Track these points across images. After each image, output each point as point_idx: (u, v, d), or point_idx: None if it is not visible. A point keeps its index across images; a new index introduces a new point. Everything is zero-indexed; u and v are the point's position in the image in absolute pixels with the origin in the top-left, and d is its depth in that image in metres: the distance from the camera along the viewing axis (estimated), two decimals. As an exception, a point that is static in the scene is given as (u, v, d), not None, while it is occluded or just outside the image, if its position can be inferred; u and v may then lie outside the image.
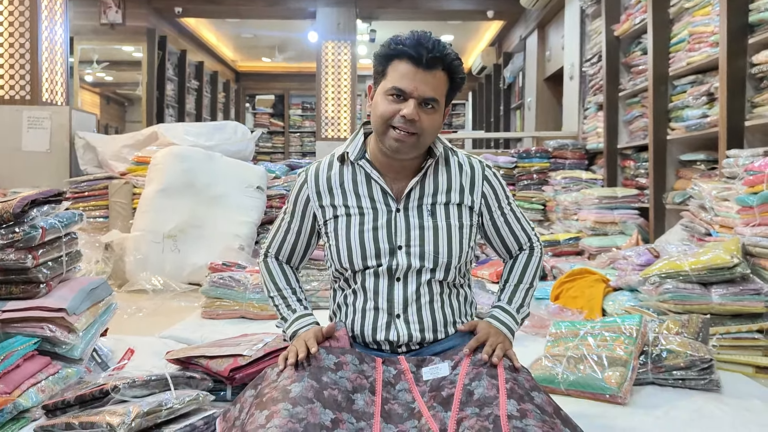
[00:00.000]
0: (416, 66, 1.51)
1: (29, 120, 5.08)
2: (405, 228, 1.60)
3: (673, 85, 4.26)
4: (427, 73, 1.51)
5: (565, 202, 5.15)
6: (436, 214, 1.62)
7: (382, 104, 1.54)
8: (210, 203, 4.34)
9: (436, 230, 1.61)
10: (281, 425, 1.23)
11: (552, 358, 2.14)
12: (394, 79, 1.52)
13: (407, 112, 1.50)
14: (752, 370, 2.30)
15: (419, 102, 1.52)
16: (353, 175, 1.65)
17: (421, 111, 1.52)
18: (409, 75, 1.51)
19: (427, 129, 1.54)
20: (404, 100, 1.52)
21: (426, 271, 1.60)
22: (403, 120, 1.51)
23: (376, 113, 1.56)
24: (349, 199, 1.64)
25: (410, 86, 1.51)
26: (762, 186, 2.63)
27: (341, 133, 7.70)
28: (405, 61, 1.52)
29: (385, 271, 1.60)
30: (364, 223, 1.61)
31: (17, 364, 1.80)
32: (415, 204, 1.62)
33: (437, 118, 1.56)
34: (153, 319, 3.21)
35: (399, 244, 1.60)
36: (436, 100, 1.54)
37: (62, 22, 5.40)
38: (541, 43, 7.85)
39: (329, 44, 7.62)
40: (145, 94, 8.62)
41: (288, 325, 1.67)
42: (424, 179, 1.64)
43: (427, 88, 1.51)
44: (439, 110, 1.57)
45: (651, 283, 2.62)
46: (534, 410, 1.31)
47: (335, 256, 1.64)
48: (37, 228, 2.00)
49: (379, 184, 1.63)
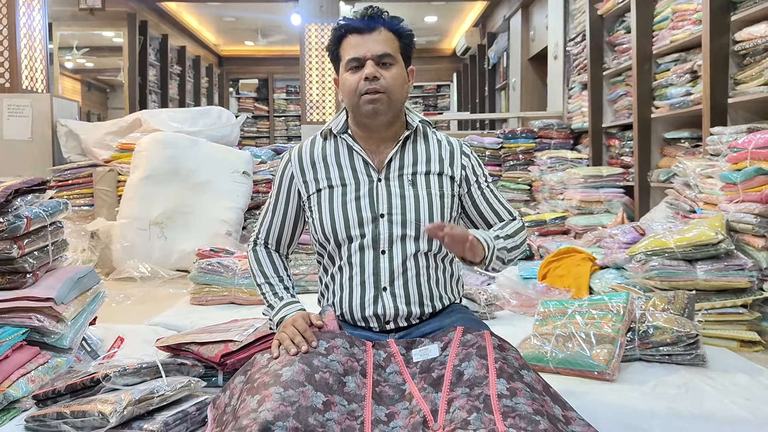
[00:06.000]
0: (360, 34, 1.65)
1: (9, 108, 5.01)
2: (386, 196, 1.65)
3: (656, 64, 4.27)
4: (371, 35, 1.64)
5: (551, 181, 5.16)
6: (417, 184, 1.67)
7: (347, 80, 1.65)
8: (196, 189, 4.31)
9: (417, 199, 1.65)
10: (273, 408, 1.24)
11: (540, 337, 2.16)
12: (347, 53, 1.65)
13: (368, 71, 1.61)
14: (737, 344, 2.34)
15: (375, 62, 1.62)
16: (335, 149, 1.72)
17: (380, 69, 1.62)
18: (357, 43, 1.64)
19: (392, 83, 1.63)
20: (362, 66, 1.63)
21: (410, 241, 1.62)
22: (367, 82, 1.61)
23: (345, 91, 1.67)
24: (332, 171, 1.69)
25: (362, 51, 1.63)
26: (745, 163, 2.65)
27: (326, 116, 7.66)
28: (349, 35, 1.66)
29: (370, 242, 1.62)
30: (346, 194, 1.66)
31: (6, 355, 1.79)
32: (396, 174, 1.67)
33: (398, 72, 1.65)
34: (142, 307, 3.20)
35: (381, 212, 1.63)
36: (389, 55, 1.64)
37: (40, 8, 5.31)
38: (525, 23, 7.83)
39: (312, 27, 7.54)
40: (127, 80, 8.52)
41: (275, 313, 1.68)
42: (403, 150, 1.70)
43: (377, 46, 1.63)
44: (398, 65, 1.66)
45: (637, 261, 2.65)
46: (524, 388, 1.32)
47: (318, 228, 1.67)
48: (21, 218, 1.98)
49: (360, 156, 1.69)
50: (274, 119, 13.30)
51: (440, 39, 12.27)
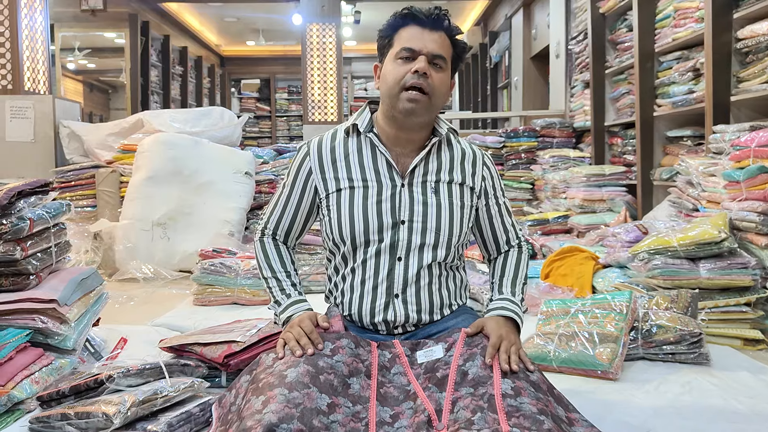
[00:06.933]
0: (422, 27, 1.59)
1: (12, 110, 5.01)
2: (409, 203, 1.62)
3: (659, 62, 4.26)
4: (432, 33, 1.59)
5: (553, 180, 5.16)
6: (440, 192, 1.64)
7: (393, 69, 1.59)
8: (198, 190, 4.31)
9: (439, 207, 1.62)
10: (278, 410, 1.24)
11: (544, 336, 2.16)
12: (402, 42, 1.59)
13: (420, 65, 1.56)
14: (740, 342, 2.34)
15: (428, 60, 1.57)
16: (359, 147, 1.66)
17: (431, 68, 1.57)
18: (416, 35, 1.58)
19: (438, 88, 1.59)
20: (413, 59, 1.57)
21: (428, 250, 1.61)
22: (415, 76, 1.56)
23: (387, 80, 1.60)
24: (354, 171, 1.64)
25: (419, 44, 1.58)
26: (748, 161, 2.65)
27: (328, 116, 7.66)
28: (410, 25, 1.60)
29: (387, 248, 1.60)
30: (368, 197, 1.62)
31: (10, 357, 1.79)
32: (419, 180, 1.64)
33: (445, 78, 1.62)
34: (145, 308, 3.20)
35: (402, 219, 1.61)
36: (443, 58, 1.60)
37: (42, 9, 5.31)
38: (526, 22, 7.82)
39: (314, 27, 7.54)
40: (129, 81, 8.52)
41: (282, 310, 1.64)
42: (428, 157, 1.66)
43: (435, 45, 1.58)
44: (447, 71, 1.62)
45: (640, 260, 2.64)
46: (528, 388, 1.32)
47: (336, 228, 1.63)
48: (24, 219, 1.98)
49: (385, 157, 1.64)
50: (275, 119, 13.31)
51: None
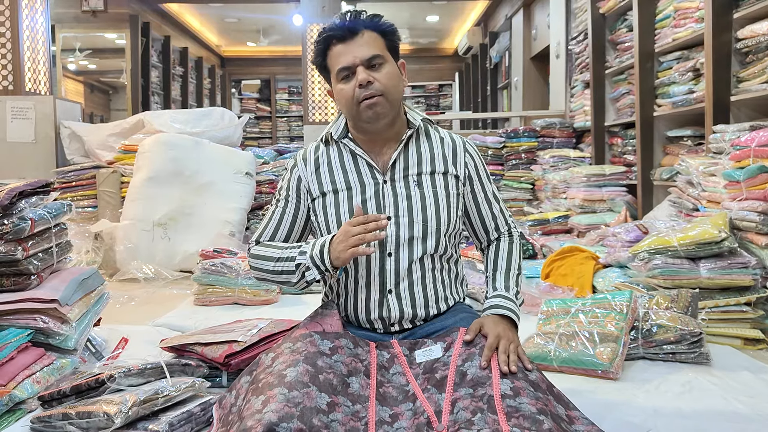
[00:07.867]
0: (343, 41, 1.60)
1: (13, 110, 5.02)
2: (393, 198, 1.63)
3: (659, 62, 4.27)
4: (355, 40, 1.59)
5: (553, 180, 5.16)
6: (423, 184, 1.65)
7: (341, 90, 1.61)
8: (199, 190, 4.32)
9: (423, 199, 1.63)
10: (278, 409, 1.24)
11: (544, 336, 2.17)
12: (335, 63, 1.61)
13: (361, 77, 1.57)
14: (741, 342, 2.34)
15: (366, 66, 1.58)
16: (339, 154, 1.69)
17: (372, 72, 1.58)
18: (343, 51, 1.60)
19: (387, 83, 1.59)
20: (353, 73, 1.59)
21: (417, 243, 1.61)
22: (362, 89, 1.57)
23: (342, 101, 1.62)
24: (336, 176, 1.67)
25: (349, 59, 1.58)
26: (748, 160, 2.65)
27: (329, 116, 7.65)
28: (333, 45, 1.61)
29: (376, 245, 1.60)
30: (352, 197, 1.64)
31: (11, 356, 1.80)
32: (401, 175, 1.65)
33: (390, 70, 1.61)
34: (145, 308, 3.21)
35: (387, 215, 1.61)
36: (378, 56, 1.60)
37: (43, 10, 5.31)
38: (526, 22, 7.82)
39: (314, 27, 7.53)
40: (130, 82, 8.52)
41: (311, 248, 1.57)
42: (406, 150, 1.67)
43: (363, 50, 1.59)
44: (388, 63, 1.62)
45: (640, 259, 2.65)
46: (527, 388, 1.32)
47: (325, 231, 1.65)
48: (26, 219, 1.99)
49: (364, 159, 1.66)
50: (276, 120, 13.31)
51: (442, 39, 12.27)
